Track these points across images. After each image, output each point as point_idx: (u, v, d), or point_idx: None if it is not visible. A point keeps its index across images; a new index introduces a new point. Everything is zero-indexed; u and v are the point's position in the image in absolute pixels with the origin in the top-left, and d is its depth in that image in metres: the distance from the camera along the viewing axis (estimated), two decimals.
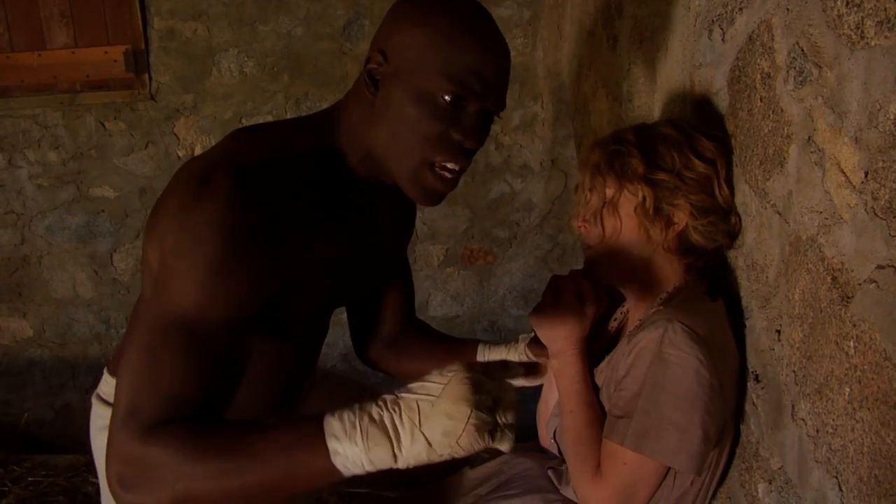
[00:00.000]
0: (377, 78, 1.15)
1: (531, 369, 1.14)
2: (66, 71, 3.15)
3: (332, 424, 0.95)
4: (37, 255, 3.34)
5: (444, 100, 1.11)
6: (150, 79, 3.19)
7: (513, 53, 3.30)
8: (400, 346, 1.56)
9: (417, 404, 0.93)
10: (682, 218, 1.23)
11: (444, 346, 1.56)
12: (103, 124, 3.23)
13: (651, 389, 1.15)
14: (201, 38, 3.19)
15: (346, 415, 0.95)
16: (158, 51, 3.17)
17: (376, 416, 0.94)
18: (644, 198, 1.22)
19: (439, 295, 3.54)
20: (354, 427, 0.94)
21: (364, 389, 1.67)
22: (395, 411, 0.94)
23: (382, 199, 1.31)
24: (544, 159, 3.37)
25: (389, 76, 1.14)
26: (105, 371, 1.40)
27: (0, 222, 3.30)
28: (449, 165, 1.16)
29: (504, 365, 1.00)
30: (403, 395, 0.95)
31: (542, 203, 3.42)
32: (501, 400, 0.95)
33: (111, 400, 1.33)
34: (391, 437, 0.94)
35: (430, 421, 0.92)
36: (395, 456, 0.94)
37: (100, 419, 1.37)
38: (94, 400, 1.40)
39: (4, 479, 2.74)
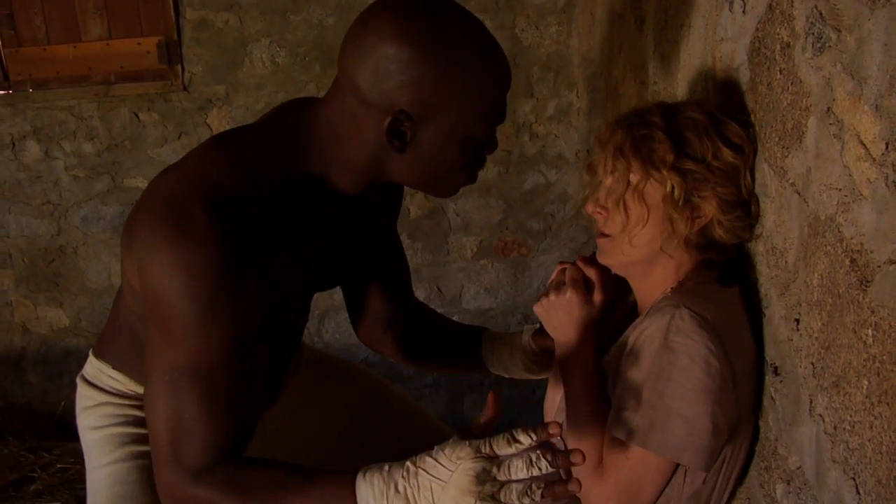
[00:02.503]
0: (403, 132, 1.09)
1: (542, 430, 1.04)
2: (100, 62, 3.16)
3: (363, 490, 1.03)
4: (73, 246, 3.37)
5: (483, 136, 1.14)
6: (183, 70, 3.19)
7: (547, 42, 3.24)
8: (400, 331, 1.51)
9: (431, 486, 0.99)
10: (708, 211, 1.15)
11: (449, 336, 1.50)
12: (137, 115, 3.24)
13: (657, 380, 1.08)
14: (233, 28, 3.17)
15: (377, 481, 1.02)
16: (191, 42, 3.17)
17: (401, 489, 1.01)
18: (673, 188, 1.14)
19: (472, 287, 3.48)
20: (383, 496, 1.01)
21: (352, 371, 1.63)
22: (415, 487, 1.00)
23: (361, 196, 1.26)
24: (580, 149, 3.28)
25: (418, 130, 1.09)
26: (91, 353, 1.40)
27: (37, 213, 3.34)
28: (474, 175, 1.21)
29: (513, 437, 0.99)
30: (421, 470, 1.01)
31: (577, 194, 3.33)
32: (510, 484, 0.97)
33: (96, 382, 1.37)
34: None
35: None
36: None
37: (84, 399, 1.38)
38: (78, 381, 1.40)
39: (34, 466, 2.77)
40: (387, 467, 1.03)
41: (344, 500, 1.03)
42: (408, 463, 1.02)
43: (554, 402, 1.44)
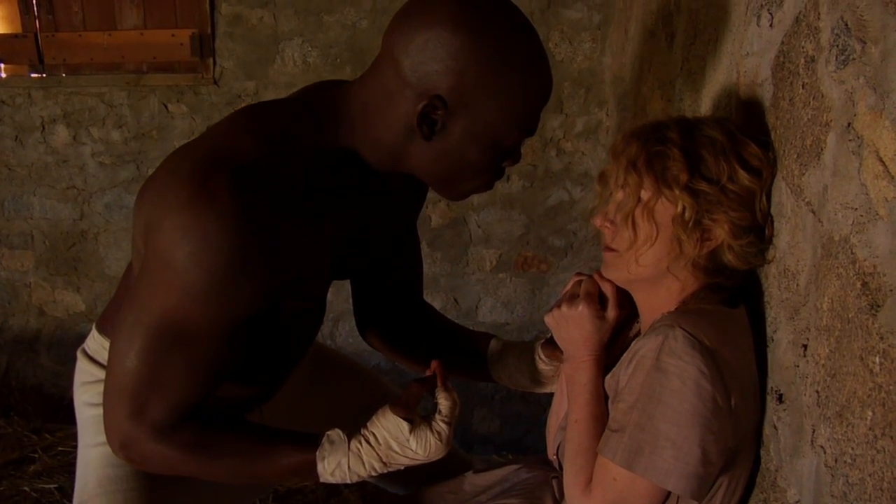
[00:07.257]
0: (434, 119, 1.07)
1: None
2: (133, 52, 3.19)
3: (322, 465, 1.15)
4: (94, 232, 3.39)
5: (510, 142, 1.12)
6: (215, 63, 3.21)
7: (580, 58, 3.21)
8: (404, 330, 1.48)
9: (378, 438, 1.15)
10: (719, 235, 1.10)
11: (455, 338, 1.47)
12: (166, 106, 3.26)
13: (647, 402, 1.04)
14: (267, 25, 3.19)
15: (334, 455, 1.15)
16: (224, 36, 3.19)
17: (354, 449, 1.15)
18: (684, 208, 1.10)
19: (489, 300, 3.44)
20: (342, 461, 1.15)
21: (355, 370, 1.60)
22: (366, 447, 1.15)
23: (387, 182, 1.23)
24: None
25: (449, 120, 1.08)
26: (94, 328, 1.37)
27: (62, 197, 3.37)
28: (490, 184, 1.19)
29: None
30: (369, 433, 1.16)
31: None
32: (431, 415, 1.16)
33: (97, 357, 1.35)
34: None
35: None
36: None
37: (83, 374, 1.37)
38: (79, 354, 1.38)
39: (36, 446, 2.77)
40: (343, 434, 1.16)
41: (306, 471, 1.15)
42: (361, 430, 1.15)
43: (558, 416, 1.40)
